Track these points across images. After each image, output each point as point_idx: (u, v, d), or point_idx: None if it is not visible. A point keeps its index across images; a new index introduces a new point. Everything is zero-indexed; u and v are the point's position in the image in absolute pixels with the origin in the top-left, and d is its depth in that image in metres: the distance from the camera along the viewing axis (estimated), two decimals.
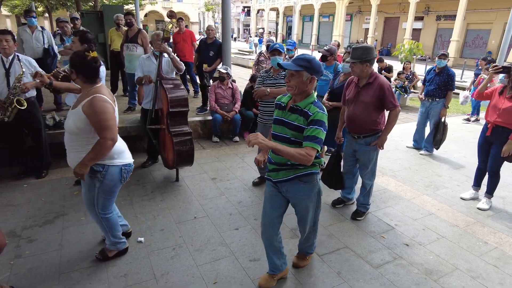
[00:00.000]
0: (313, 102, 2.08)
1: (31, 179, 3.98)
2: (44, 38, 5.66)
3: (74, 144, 2.29)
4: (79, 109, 2.20)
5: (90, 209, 2.51)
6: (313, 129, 2.00)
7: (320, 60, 4.81)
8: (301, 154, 1.97)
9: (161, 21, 42.66)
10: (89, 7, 19.68)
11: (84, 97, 2.25)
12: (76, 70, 2.24)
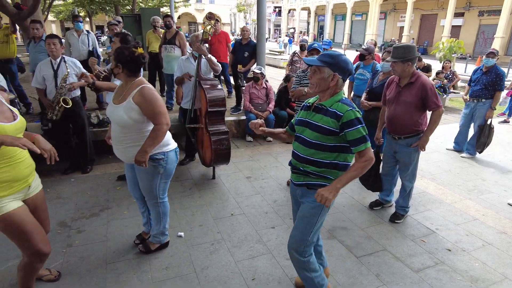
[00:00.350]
0: (340, 100, 1.89)
1: (77, 174, 4.22)
2: (89, 41, 5.99)
3: (127, 137, 2.34)
4: (129, 101, 2.26)
5: (151, 197, 2.59)
6: (353, 131, 1.82)
7: (358, 59, 4.74)
8: (362, 166, 1.84)
9: (194, 23, 43.61)
10: (126, 10, 20.51)
11: (129, 90, 2.31)
12: (122, 64, 2.27)
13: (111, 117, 2.37)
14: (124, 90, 2.35)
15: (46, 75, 3.84)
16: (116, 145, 2.43)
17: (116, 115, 2.29)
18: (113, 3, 18.08)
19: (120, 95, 2.35)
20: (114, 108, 2.33)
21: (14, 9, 5.11)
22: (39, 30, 5.13)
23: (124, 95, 2.32)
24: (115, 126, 2.36)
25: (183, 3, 25.19)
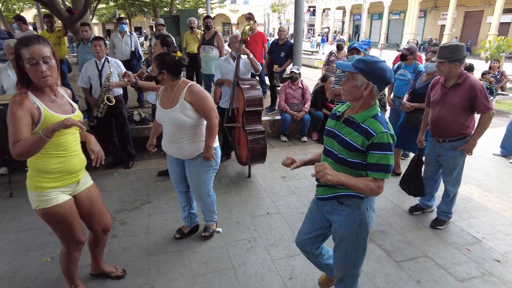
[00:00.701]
0: (375, 116, 1.68)
1: (120, 169, 4.44)
2: (132, 42, 6.26)
3: (183, 135, 2.49)
4: (182, 101, 2.40)
5: (202, 190, 2.77)
6: (381, 155, 1.63)
7: (398, 60, 4.60)
8: (371, 188, 1.66)
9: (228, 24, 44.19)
10: (164, 12, 21.18)
11: (178, 92, 2.44)
12: (166, 69, 2.38)
13: (164, 121, 2.50)
14: (172, 94, 2.47)
15: (91, 75, 4.07)
16: (171, 145, 2.56)
17: (172, 117, 2.42)
18: (152, 5, 18.74)
19: (169, 100, 2.47)
20: (167, 112, 2.44)
21: (66, 13, 5.46)
22: (88, 32, 5.44)
23: (174, 98, 2.44)
24: (170, 128, 2.49)
25: (219, 4, 25.61)
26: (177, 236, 2.98)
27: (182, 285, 2.47)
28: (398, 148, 4.26)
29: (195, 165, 2.63)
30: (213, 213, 3.00)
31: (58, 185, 1.93)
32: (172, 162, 2.76)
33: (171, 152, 2.62)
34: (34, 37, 1.75)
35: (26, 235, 3.04)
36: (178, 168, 2.76)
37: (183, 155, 2.59)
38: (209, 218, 3.01)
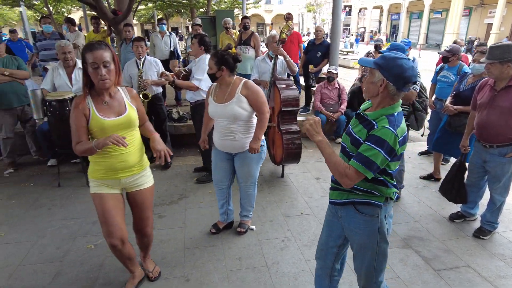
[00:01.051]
0: (390, 115, 1.58)
1: (157, 164, 4.60)
2: (171, 42, 6.48)
3: (238, 129, 2.65)
4: (238, 95, 2.57)
5: (250, 181, 2.92)
6: (369, 147, 1.53)
7: (441, 61, 4.42)
8: (339, 171, 1.58)
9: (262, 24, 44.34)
10: (200, 13, 21.65)
11: (234, 87, 2.61)
12: (226, 66, 2.56)
13: (219, 115, 2.63)
14: (227, 89, 2.62)
15: (132, 73, 4.25)
16: (225, 139, 2.70)
17: (229, 111, 2.57)
18: (189, 6, 19.21)
19: (224, 95, 2.63)
20: (223, 106, 2.59)
21: (111, 15, 5.74)
22: (130, 32, 5.69)
23: (230, 93, 2.60)
24: (224, 122, 2.64)
25: (254, 5, 25.76)
26: (213, 231, 3.06)
27: (216, 279, 2.53)
28: (438, 153, 4.09)
29: (247, 157, 2.77)
30: (251, 207, 3.10)
31: (98, 177, 2.09)
32: (220, 158, 2.88)
33: (224, 145, 2.75)
34: (97, 43, 1.89)
35: (72, 223, 3.24)
36: (227, 163, 2.88)
37: (236, 148, 2.73)
38: (246, 213, 3.10)
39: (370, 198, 1.70)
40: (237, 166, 2.88)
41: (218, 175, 2.95)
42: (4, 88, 4.06)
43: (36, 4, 20.16)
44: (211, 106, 2.69)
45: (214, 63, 2.55)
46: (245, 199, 3.04)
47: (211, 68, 2.58)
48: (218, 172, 2.94)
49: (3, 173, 4.28)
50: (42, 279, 2.53)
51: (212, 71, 2.57)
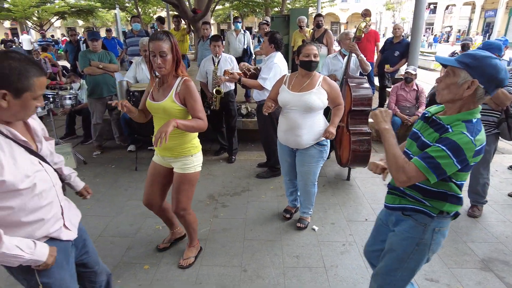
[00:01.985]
0: (468, 121, 1.41)
1: (225, 155, 4.77)
2: (245, 40, 6.63)
3: (305, 123, 2.68)
4: (319, 87, 2.66)
5: (310, 180, 2.91)
6: (438, 148, 1.37)
7: None
8: (398, 164, 1.44)
9: (337, 23, 43.19)
10: (275, 12, 21.86)
11: (313, 80, 2.70)
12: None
13: (294, 103, 2.67)
14: (306, 79, 2.71)
15: (208, 70, 4.44)
16: (290, 133, 2.75)
17: (305, 100, 2.63)
18: (264, 5, 19.55)
19: (301, 85, 2.71)
20: (300, 95, 2.66)
21: (191, 13, 6.10)
22: (208, 30, 5.97)
23: (309, 83, 2.69)
24: (295, 112, 2.69)
25: (329, 3, 25.20)
26: (287, 216, 3.21)
27: (272, 274, 2.53)
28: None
29: (308, 155, 2.79)
30: (311, 205, 3.10)
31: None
32: (284, 153, 2.97)
33: (288, 140, 2.80)
34: (159, 34, 2.06)
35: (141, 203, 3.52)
36: (290, 158, 2.96)
37: (300, 144, 2.75)
38: (305, 210, 3.10)
39: (421, 206, 1.57)
40: (297, 163, 2.91)
41: (284, 168, 3.09)
42: (98, 79, 4.59)
43: (128, 7, 22.38)
44: (284, 93, 2.73)
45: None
46: (304, 196, 3.05)
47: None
48: (284, 165, 3.06)
49: (92, 154, 4.84)
50: (117, 250, 2.79)
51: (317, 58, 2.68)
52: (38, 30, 24.69)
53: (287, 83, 2.78)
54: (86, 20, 28.01)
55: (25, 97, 1.26)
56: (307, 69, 2.68)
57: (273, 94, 2.90)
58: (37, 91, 1.29)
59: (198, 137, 2.40)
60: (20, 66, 1.22)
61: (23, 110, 1.30)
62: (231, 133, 4.62)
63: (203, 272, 2.54)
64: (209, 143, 5.26)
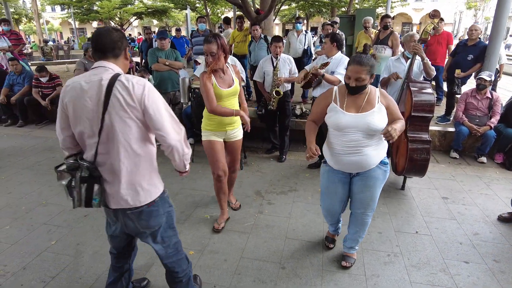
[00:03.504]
0: None
1: (276, 153, 4.84)
2: (306, 40, 6.61)
3: (370, 143, 2.23)
4: (380, 105, 2.21)
5: (372, 206, 2.45)
6: None
7: None
8: None
9: (408, 24, 40.66)
10: (341, 12, 21.30)
11: (371, 95, 2.24)
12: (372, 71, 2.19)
13: (354, 126, 2.19)
14: (363, 96, 2.24)
15: (266, 70, 4.51)
16: (352, 155, 2.25)
17: (368, 121, 2.17)
18: (330, 6, 19.15)
19: (358, 103, 2.23)
20: (360, 116, 2.19)
21: (254, 14, 6.25)
22: (258, 31, 6.01)
23: (367, 101, 2.22)
24: (355, 135, 2.21)
25: (401, 3, 23.82)
26: (330, 246, 2.83)
27: (310, 274, 2.53)
28: None
29: (371, 178, 2.31)
30: (362, 238, 2.62)
31: (210, 129, 2.94)
32: (333, 180, 2.45)
33: (348, 163, 2.29)
34: (209, 37, 2.61)
35: (196, 193, 3.74)
36: (342, 187, 2.44)
37: (366, 165, 2.27)
38: (354, 244, 2.64)
39: None
40: (356, 190, 2.40)
41: (329, 200, 2.57)
42: (164, 75, 4.96)
43: (198, 7, 23.56)
44: (340, 115, 2.22)
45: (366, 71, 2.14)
46: (357, 227, 2.54)
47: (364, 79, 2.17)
48: (330, 197, 2.54)
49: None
50: None
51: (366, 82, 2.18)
52: None
53: (338, 101, 2.28)
54: (160, 20, 30.12)
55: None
56: (349, 92, 2.25)
57: (317, 113, 2.41)
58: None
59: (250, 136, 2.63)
60: (118, 31, 1.72)
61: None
62: (284, 132, 4.66)
63: (243, 264, 2.64)
64: (260, 141, 5.37)
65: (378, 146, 2.27)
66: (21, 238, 3.00)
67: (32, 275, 2.54)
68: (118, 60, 1.70)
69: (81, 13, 25.86)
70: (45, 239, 2.98)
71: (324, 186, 2.54)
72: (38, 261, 2.69)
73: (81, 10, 25.46)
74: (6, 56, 7.26)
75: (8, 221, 3.26)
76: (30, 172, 4.38)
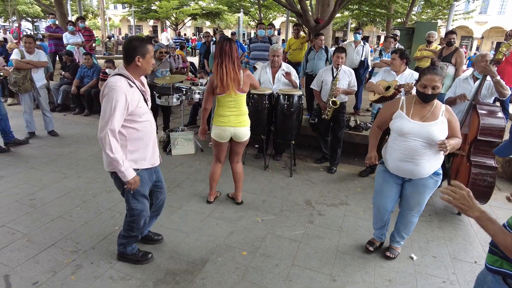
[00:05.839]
0: None
1: (325, 164, 4.84)
2: (363, 51, 6.53)
3: (427, 152, 2.42)
4: (442, 118, 2.41)
5: (418, 209, 2.72)
6: None
7: None
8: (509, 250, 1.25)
9: (469, 37, 38.38)
10: (396, 23, 20.63)
11: (437, 107, 2.45)
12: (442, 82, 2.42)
13: (415, 134, 2.40)
14: (429, 107, 2.44)
15: (325, 79, 4.54)
16: (407, 162, 2.47)
17: (429, 131, 2.37)
18: (386, 16, 18.64)
19: (423, 113, 2.44)
20: (423, 125, 2.40)
21: (313, 23, 6.30)
22: (323, 41, 6.05)
23: (432, 112, 2.42)
24: (415, 142, 2.41)
25: (463, 16, 22.60)
26: (370, 249, 2.96)
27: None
28: None
29: (422, 185, 2.56)
30: (407, 235, 2.88)
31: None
32: (388, 182, 2.69)
33: (402, 169, 2.52)
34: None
35: (248, 195, 3.85)
36: (395, 188, 2.69)
37: (418, 173, 2.49)
38: (400, 239, 2.90)
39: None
40: (406, 193, 2.66)
41: (381, 200, 2.77)
42: None
43: (251, 11, 24.01)
44: (405, 122, 2.45)
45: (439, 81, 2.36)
46: (403, 224, 2.82)
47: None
48: (382, 197, 2.75)
49: (208, 144, 5.46)
50: (220, 232, 3.16)
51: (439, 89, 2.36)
52: (173, 29, 28.52)
53: (405, 109, 2.50)
54: (212, 22, 31.08)
55: (148, 56, 2.26)
56: (422, 101, 2.43)
57: (383, 119, 2.67)
58: (151, 52, 2.27)
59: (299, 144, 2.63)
60: (138, 41, 2.23)
61: (148, 64, 2.29)
62: (336, 143, 4.66)
63: (294, 271, 2.69)
64: (310, 149, 5.39)
65: (433, 157, 2.44)
66: (90, 220, 3.29)
67: (100, 255, 2.78)
68: (130, 66, 2.28)
69: (141, 11, 27.44)
70: (109, 224, 3.24)
71: (379, 185, 2.77)
72: (105, 243, 2.94)
73: (141, 8, 27.02)
74: (80, 50, 7.93)
75: (79, 203, 3.58)
76: (95, 159, 4.76)
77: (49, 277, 2.52)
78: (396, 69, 3.92)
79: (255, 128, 4.63)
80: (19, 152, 4.94)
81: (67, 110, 7.34)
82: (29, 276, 2.52)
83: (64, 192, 3.79)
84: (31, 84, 5.26)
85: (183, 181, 4.19)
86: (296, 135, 4.54)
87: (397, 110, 2.54)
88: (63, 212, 3.39)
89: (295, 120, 4.40)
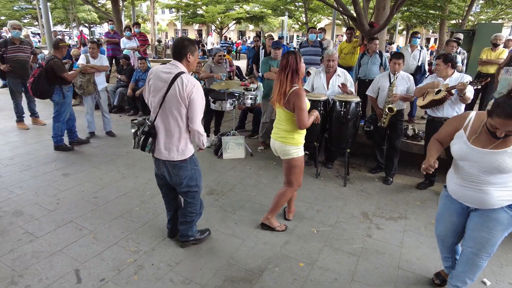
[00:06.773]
0: None
1: (381, 174, 4.63)
2: (420, 56, 6.21)
3: (494, 182, 1.99)
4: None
5: (490, 251, 2.13)
6: None
7: None
8: None
9: None
10: (451, 25, 19.46)
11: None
12: None
13: (476, 161, 2.01)
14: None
15: (381, 86, 4.35)
16: (469, 188, 2.09)
17: (497, 161, 1.93)
18: (439, 18, 17.65)
19: (490, 140, 1.96)
20: (487, 153, 1.96)
21: (368, 27, 6.08)
22: (377, 46, 5.83)
23: (502, 140, 1.91)
24: (480, 172, 2.01)
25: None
26: (436, 282, 2.64)
27: None
28: None
29: (492, 219, 2.05)
30: (472, 281, 2.26)
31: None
32: (450, 208, 2.29)
33: (465, 195, 2.13)
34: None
35: (301, 204, 3.78)
36: (458, 218, 2.27)
37: (485, 203, 2.05)
38: (460, 284, 2.28)
39: None
40: (472, 226, 2.16)
41: (443, 228, 2.40)
42: (268, 84, 5.12)
43: (296, 14, 23.91)
44: (462, 146, 2.06)
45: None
46: (466, 267, 2.22)
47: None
48: (444, 225, 2.38)
49: (257, 149, 5.46)
50: (276, 241, 3.12)
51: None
52: (218, 32, 29.18)
53: (468, 131, 2.06)
54: (256, 25, 31.36)
55: (196, 54, 2.55)
56: (492, 137, 1.95)
57: (445, 134, 2.25)
58: (197, 53, 2.56)
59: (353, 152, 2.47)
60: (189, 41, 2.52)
61: (195, 62, 2.57)
62: (393, 153, 4.43)
63: (354, 287, 2.58)
64: (363, 158, 5.20)
65: (505, 186, 1.99)
66: (148, 221, 3.40)
67: (160, 257, 2.86)
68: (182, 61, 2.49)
69: (188, 16, 28.39)
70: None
71: (440, 212, 2.42)
72: (163, 246, 3.01)
73: (188, 13, 27.95)
74: (135, 55, 8.32)
75: (137, 203, 3.72)
76: (150, 160, 4.87)
77: (114, 275, 2.62)
78: (441, 74, 3.79)
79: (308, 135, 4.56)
80: (82, 151, 5.26)
81: (122, 112, 7.73)
82: (97, 272, 2.64)
83: (124, 192, 3.96)
84: (94, 87, 5.60)
85: (236, 185, 4.21)
86: (352, 143, 4.39)
87: (460, 129, 2.11)
88: (123, 212, 3.53)
89: (352, 127, 4.26)
